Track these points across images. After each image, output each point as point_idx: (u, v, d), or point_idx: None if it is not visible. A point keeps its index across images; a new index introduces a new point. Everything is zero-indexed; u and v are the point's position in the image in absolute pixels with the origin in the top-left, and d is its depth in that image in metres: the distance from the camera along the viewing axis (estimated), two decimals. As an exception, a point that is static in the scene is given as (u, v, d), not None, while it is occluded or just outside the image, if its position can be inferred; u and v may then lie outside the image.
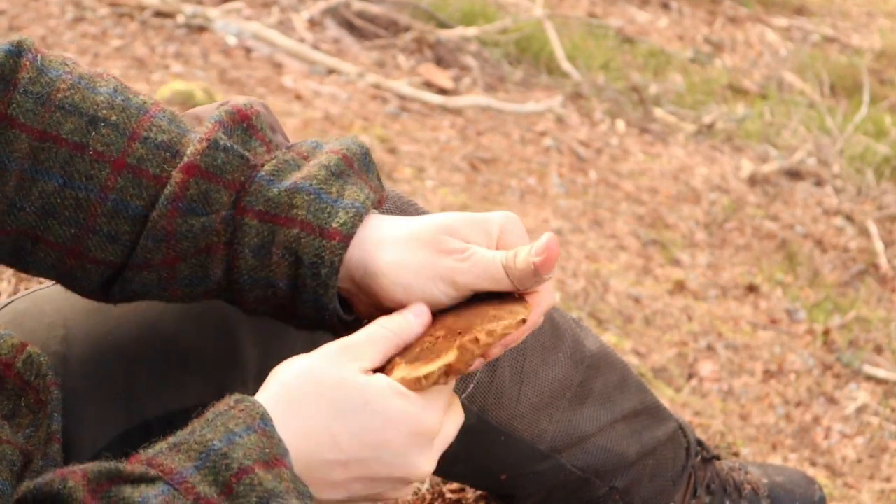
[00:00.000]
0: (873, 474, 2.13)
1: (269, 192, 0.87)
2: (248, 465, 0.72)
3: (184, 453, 0.73)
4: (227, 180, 0.87)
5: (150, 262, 0.88)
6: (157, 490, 0.70)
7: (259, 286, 0.89)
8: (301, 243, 0.86)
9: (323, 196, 0.87)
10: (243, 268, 0.88)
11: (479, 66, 3.93)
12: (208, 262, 0.88)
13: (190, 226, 0.87)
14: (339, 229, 0.85)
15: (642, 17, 5.11)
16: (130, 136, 0.87)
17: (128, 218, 0.87)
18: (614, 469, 1.33)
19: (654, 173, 3.38)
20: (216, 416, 0.76)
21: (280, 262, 0.87)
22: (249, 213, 0.87)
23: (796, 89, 4.52)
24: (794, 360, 2.48)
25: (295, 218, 0.86)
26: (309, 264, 0.86)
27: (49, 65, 0.89)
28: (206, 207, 0.87)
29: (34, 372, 0.92)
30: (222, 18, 3.68)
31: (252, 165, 0.88)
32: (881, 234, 3.18)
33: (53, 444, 0.82)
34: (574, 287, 2.54)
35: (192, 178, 0.86)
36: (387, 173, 2.90)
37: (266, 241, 0.87)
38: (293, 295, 0.88)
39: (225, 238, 0.88)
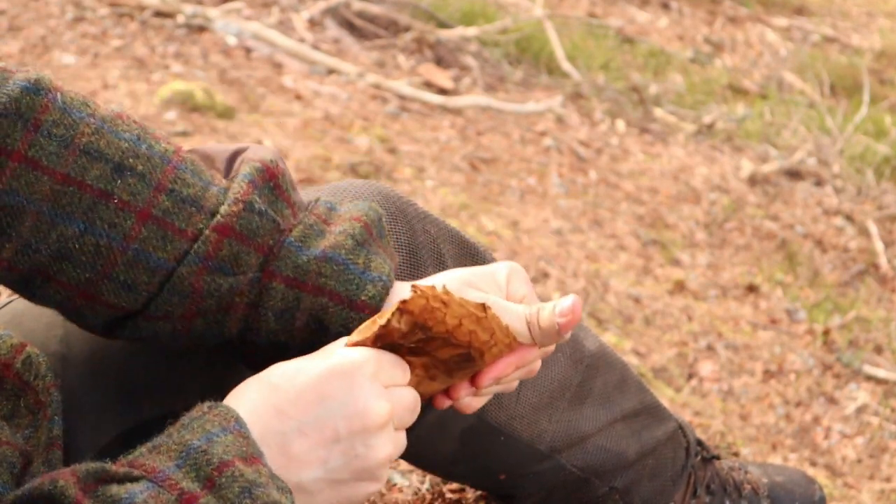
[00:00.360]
0: (873, 474, 2.13)
1: (299, 260, 0.89)
2: (228, 459, 0.73)
3: (164, 454, 0.74)
4: (258, 243, 0.88)
5: (169, 315, 0.89)
6: (143, 486, 0.71)
7: (273, 349, 0.91)
8: (328, 313, 0.88)
9: (351, 267, 0.89)
10: (263, 329, 0.90)
11: (479, 66, 3.93)
12: (225, 320, 0.90)
13: (218, 285, 0.88)
14: (369, 302, 0.88)
15: (642, 17, 5.11)
16: (156, 188, 0.88)
17: (147, 268, 0.87)
18: (614, 469, 1.33)
19: (654, 173, 3.38)
20: (192, 420, 0.76)
21: (303, 328, 0.89)
22: (277, 277, 0.89)
23: (796, 89, 4.52)
24: (794, 360, 2.48)
25: (324, 287, 0.88)
26: (335, 334, 0.88)
27: (72, 105, 0.88)
28: (234, 268, 0.88)
29: (34, 373, 0.91)
30: (222, 18, 3.68)
31: (281, 230, 0.90)
32: (881, 234, 3.18)
33: (55, 450, 0.82)
34: (574, 287, 2.54)
35: (226, 239, 0.87)
36: (387, 173, 2.90)
37: (291, 306, 0.89)
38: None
39: (248, 299, 0.89)
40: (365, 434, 0.79)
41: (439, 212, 2.74)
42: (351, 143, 3.05)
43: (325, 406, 0.78)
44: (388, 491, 1.59)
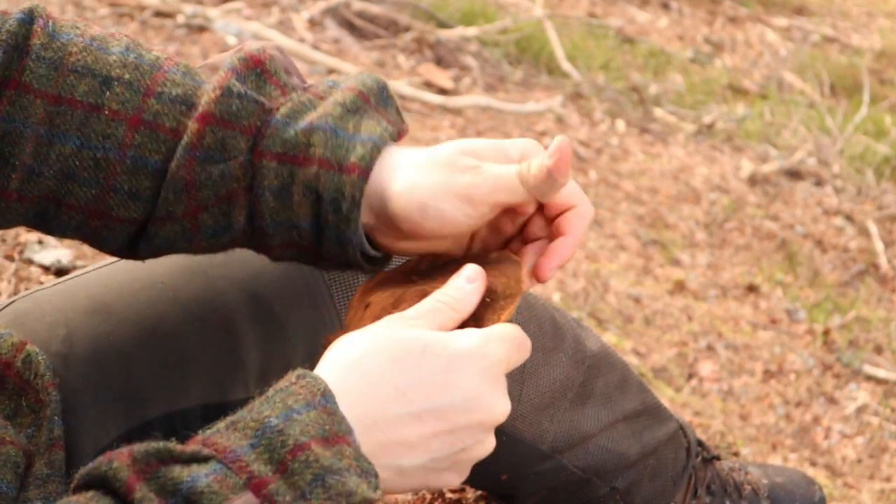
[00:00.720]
0: (873, 474, 2.13)
1: (286, 134, 0.87)
2: (304, 442, 0.70)
3: (240, 431, 0.71)
4: (243, 126, 0.87)
5: (172, 214, 0.88)
6: (209, 469, 0.68)
7: (283, 229, 0.88)
8: (321, 181, 0.86)
9: (339, 133, 0.86)
10: (265, 211, 0.88)
11: (479, 66, 3.93)
12: (231, 210, 0.88)
13: (209, 174, 0.87)
14: (358, 163, 0.85)
15: (642, 17, 5.11)
16: (145, 93, 0.88)
17: (147, 173, 0.87)
18: (615, 469, 1.33)
19: (654, 173, 3.38)
20: (276, 393, 0.73)
21: (301, 202, 0.86)
22: (267, 156, 0.87)
23: (796, 89, 4.52)
24: (794, 360, 2.48)
25: (313, 156, 0.86)
26: (330, 200, 0.85)
27: (60, 29, 0.88)
28: (223, 154, 0.87)
29: (33, 371, 0.91)
30: (222, 18, 3.68)
31: (267, 109, 0.88)
32: (881, 234, 3.18)
33: (57, 451, 0.82)
34: (574, 287, 2.54)
35: (207, 127, 0.86)
36: (387, 173, 2.91)
37: (286, 182, 0.87)
38: (317, 235, 0.88)
39: (245, 183, 0.88)
40: (480, 429, 0.77)
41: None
42: (351, 143, 3.05)
43: (452, 396, 0.75)
44: (388, 491, 1.59)
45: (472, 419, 0.76)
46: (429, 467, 0.76)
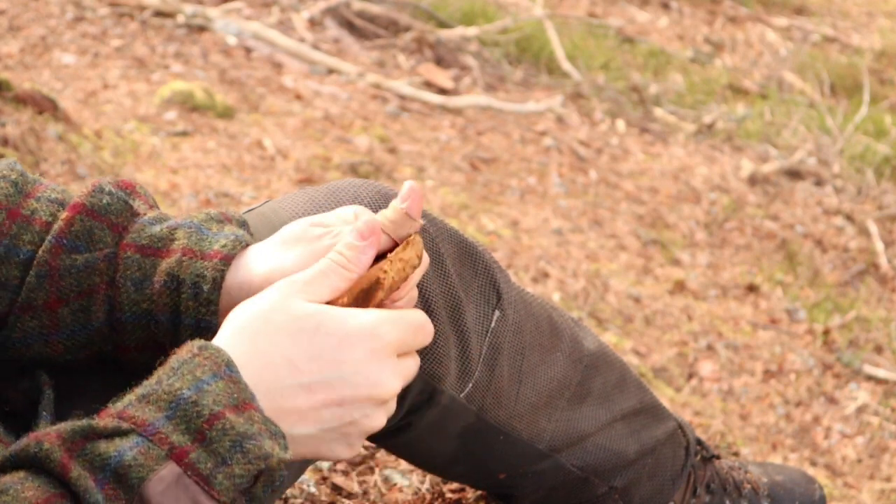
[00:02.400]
0: (873, 474, 2.13)
1: (151, 231, 0.91)
2: (218, 411, 0.73)
3: (153, 404, 0.74)
4: (111, 221, 0.91)
5: (33, 302, 0.90)
6: (132, 442, 0.71)
7: (141, 324, 0.90)
8: (182, 266, 0.89)
9: (203, 230, 0.91)
10: (125, 303, 0.90)
11: (479, 66, 3.93)
12: (90, 305, 0.90)
13: (73, 261, 0.89)
14: (220, 250, 0.89)
15: (642, 17, 5.11)
16: (26, 195, 0.92)
17: (17, 263, 0.90)
18: (613, 468, 1.33)
19: (654, 173, 3.37)
20: (181, 365, 0.76)
21: (162, 291, 0.89)
22: (131, 248, 0.90)
23: (796, 89, 4.52)
24: (794, 360, 2.48)
25: (176, 248, 0.89)
26: (191, 284, 0.88)
27: None
28: (89, 245, 0.90)
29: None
30: (222, 18, 3.68)
31: (135, 212, 0.92)
32: (881, 234, 3.18)
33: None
34: (574, 287, 2.54)
35: (77, 216, 0.90)
36: (387, 173, 2.90)
37: (147, 273, 0.90)
38: (174, 330, 0.90)
39: (107, 277, 0.90)
40: (368, 403, 0.80)
41: (439, 211, 2.74)
42: (351, 142, 3.05)
43: (341, 370, 0.79)
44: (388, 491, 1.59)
45: (360, 393, 0.80)
46: (319, 437, 0.80)
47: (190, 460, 0.72)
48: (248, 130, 2.99)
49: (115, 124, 2.85)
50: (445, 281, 1.12)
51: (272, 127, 3.05)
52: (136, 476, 0.70)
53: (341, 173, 2.81)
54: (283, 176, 2.75)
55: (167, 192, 2.52)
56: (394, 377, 0.81)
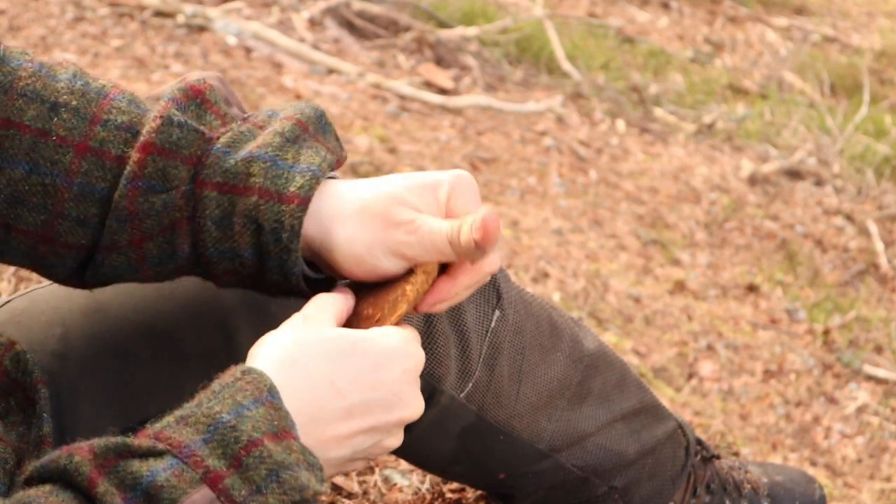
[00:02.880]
0: (873, 474, 2.12)
1: (226, 164, 0.88)
2: (257, 438, 0.72)
3: (191, 426, 0.72)
4: (184, 155, 0.88)
5: (117, 243, 0.89)
6: (166, 464, 0.70)
7: (226, 258, 0.89)
8: (260, 210, 0.87)
9: (279, 163, 0.88)
10: (208, 241, 0.89)
11: (479, 66, 3.93)
12: (174, 239, 0.89)
13: (151, 203, 0.88)
14: (297, 192, 0.86)
15: (642, 17, 5.11)
16: (91, 120, 0.89)
17: (94, 201, 0.88)
18: (613, 468, 1.33)
19: (654, 173, 3.37)
20: (223, 388, 0.75)
21: (242, 232, 0.88)
22: (208, 185, 0.88)
23: (796, 89, 4.52)
24: (794, 360, 2.48)
25: (252, 186, 0.87)
26: (270, 230, 0.87)
27: (10, 55, 0.90)
28: (165, 184, 0.88)
29: (21, 370, 0.92)
30: (222, 18, 3.68)
31: (207, 139, 0.89)
32: (881, 234, 3.18)
33: (45, 448, 0.82)
34: (574, 287, 2.54)
35: (148, 157, 0.87)
36: (387, 173, 2.90)
37: (227, 211, 0.88)
38: (260, 263, 0.89)
39: (187, 213, 0.88)
40: (398, 426, 0.82)
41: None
42: (351, 142, 3.05)
43: (380, 392, 0.80)
44: (388, 491, 1.59)
45: (393, 416, 0.81)
46: (347, 458, 0.81)
47: (224, 486, 0.70)
48: (248, 130, 2.99)
49: (115, 124, 2.85)
50: (445, 281, 1.12)
51: (272, 127, 3.05)
52: (167, 498, 0.69)
53: (341, 173, 2.81)
54: (283, 176, 2.75)
55: (167, 192, 2.52)
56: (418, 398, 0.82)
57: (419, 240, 0.87)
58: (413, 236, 0.87)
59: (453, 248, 0.87)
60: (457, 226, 0.87)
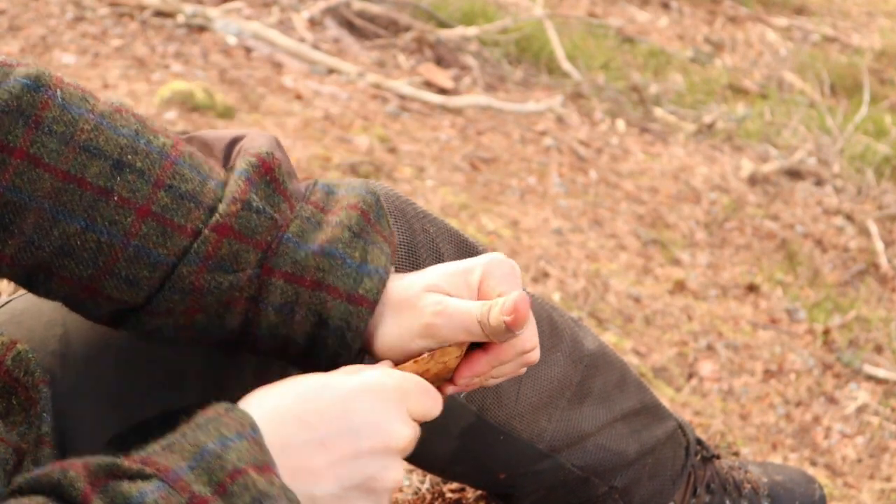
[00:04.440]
0: (873, 474, 2.13)
1: (297, 255, 0.90)
2: (241, 467, 0.73)
3: (177, 453, 0.73)
4: (257, 241, 0.90)
5: (171, 310, 0.90)
6: (153, 486, 0.71)
7: (276, 340, 0.92)
8: (327, 307, 0.90)
9: (348, 262, 0.90)
10: (264, 323, 0.91)
11: (479, 66, 3.93)
12: (226, 314, 0.91)
13: (218, 283, 0.89)
14: (366, 296, 0.90)
15: (642, 17, 5.11)
16: (155, 184, 0.89)
17: (149, 264, 0.88)
18: (614, 468, 1.33)
19: (654, 173, 3.37)
20: (207, 422, 0.76)
21: (302, 322, 0.90)
22: (276, 273, 0.90)
23: (796, 89, 4.52)
24: (795, 360, 2.48)
25: (322, 282, 0.90)
26: (334, 328, 0.90)
27: (71, 101, 0.88)
28: (234, 266, 0.89)
29: (23, 369, 0.92)
30: (222, 18, 3.68)
31: (279, 225, 0.91)
32: (881, 234, 3.18)
33: (44, 447, 0.82)
34: (574, 287, 2.54)
35: (224, 239, 0.89)
36: (387, 173, 2.90)
37: (290, 300, 0.90)
38: (309, 350, 0.92)
39: (248, 294, 0.90)
40: (385, 455, 0.80)
41: (439, 211, 2.74)
42: (351, 142, 3.05)
43: (351, 421, 0.79)
44: (387, 490, 1.58)
45: (375, 443, 0.79)
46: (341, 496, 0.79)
47: None
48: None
49: (115, 124, 2.85)
50: (446, 281, 1.12)
51: (272, 127, 3.05)
52: None
53: (341, 173, 2.81)
54: (283, 176, 2.75)
55: (167, 192, 2.52)
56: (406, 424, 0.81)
57: (447, 321, 0.89)
58: (441, 318, 0.90)
59: (483, 328, 0.89)
60: (487, 307, 0.89)
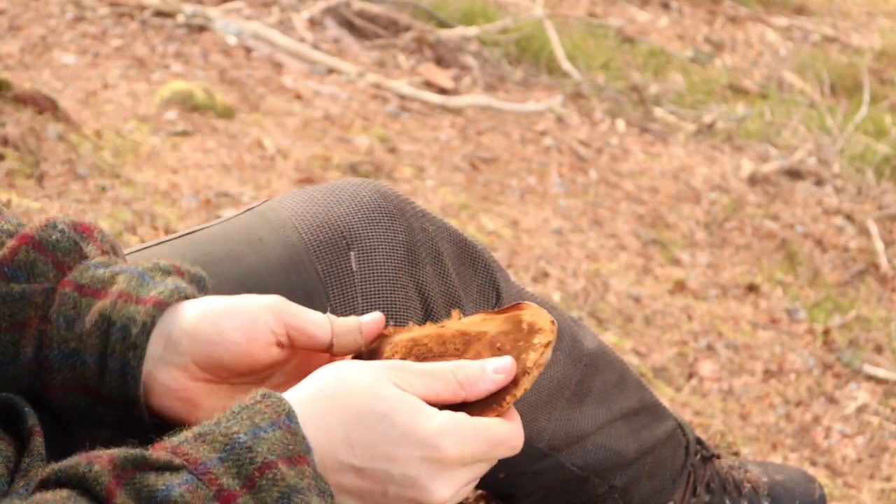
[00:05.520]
0: (873, 474, 2.12)
1: (95, 272, 0.89)
2: (271, 460, 0.73)
3: (209, 444, 0.73)
4: (57, 258, 0.89)
5: None
6: (181, 479, 0.71)
7: (68, 363, 0.88)
8: (115, 308, 0.87)
9: (145, 277, 0.89)
10: (55, 338, 0.87)
11: (479, 66, 3.93)
12: (21, 338, 0.88)
13: (10, 289, 0.87)
14: (156, 297, 0.87)
15: (642, 17, 5.11)
16: None
17: None
18: (613, 467, 1.33)
19: (654, 173, 3.37)
20: (242, 409, 0.76)
21: (92, 332, 0.87)
22: (70, 285, 0.88)
23: (796, 89, 4.52)
24: (795, 360, 2.48)
25: (113, 291, 0.88)
26: (121, 326, 0.86)
27: None
28: (29, 276, 0.88)
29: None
30: (222, 18, 3.68)
31: (84, 255, 0.90)
32: (881, 234, 3.18)
33: (35, 437, 0.82)
34: (574, 287, 2.54)
35: (23, 246, 0.88)
36: (387, 173, 2.90)
37: (82, 312, 0.87)
38: (100, 374, 0.87)
39: (42, 312, 0.88)
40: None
41: (439, 211, 2.74)
42: (351, 142, 3.05)
43: (392, 467, 0.77)
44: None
45: (405, 494, 0.78)
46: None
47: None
48: (248, 130, 2.99)
49: (115, 124, 2.85)
50: (445, 280, 1.12)
51: (272, 127, 3.05)
52: None
53: (341, 173, 2.81)
54: (283, 176, 2.75)
55: (167, 192, 2.52)
56: (446, 487, 0.79)
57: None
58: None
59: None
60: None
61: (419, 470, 0.78)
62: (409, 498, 0.79)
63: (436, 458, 0.78)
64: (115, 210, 2.32)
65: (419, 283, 1.09)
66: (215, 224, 1.11)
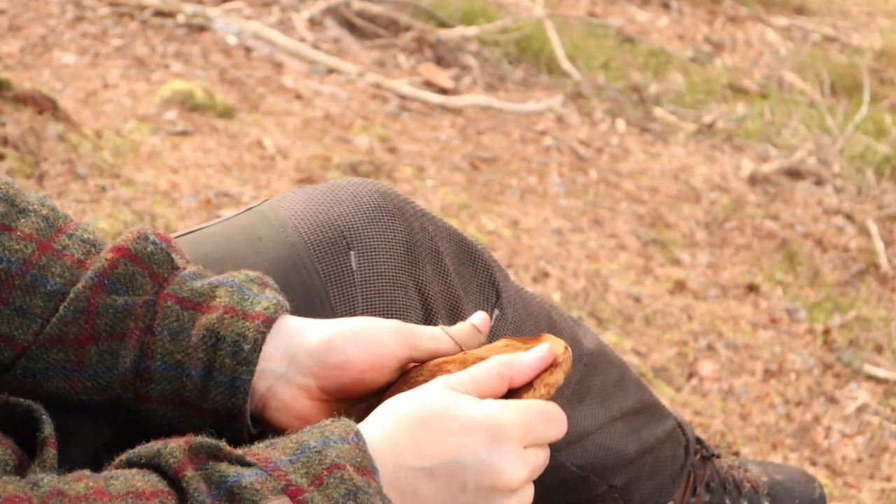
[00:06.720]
0: (873, 474, 2.12)
1: (193, 284, 0.91)
2: (340, 463, 0.75)
3: (279, 449, 0.76)
4: (153, 270, 0.90)
5: (64, 336, 0.88)
6: (252, 472, 0.74)
7: (170, 375, 0.89)
8: (223, 324, 0.89)
9: (245, 290, 0.91)
10: (158, 351, 0.89)
11: (479, 66, 3.93)
12: (119, 349, 0.89)
13: (112, 301, 0.89)
14: (263, 312, 0.89)
15: (642, 17, 5.11)
16: (58, 230, 0.91)
17: (43, 294, 0.88)
18: (613, 467, 1.33)
19: (654, 173, 3.37)
20: (312, 428, 0.79)
21: (198, 346, 0.88)
22: (172, 298, 0.90)
23: (796, 89, 4.52)
24: (795, 360, 2.48)
25: (217, 305, 0.90)
26: (231, 342, 0.88)
27: None
28: (129, 289, 0.89)
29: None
30: (222, 18, 3.68)
31: (175, 266, 0.92)
32: (881, 234, 3.18)
33: (49, 449, 0.82)
34: (574, 287, 2.54)
35: (121, 258, 0.89)
36: (387, 173, 2.90)
37: (186, 325, 0.89)
38: (203, 387, 0.89)
39: (143, 324, 0.89)
40: (491, 494, 0.80)
41: (439, 211, 2.74)
42: (351, 142, 3.05)
43: (463, 456, 0.79)
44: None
45: (482, 482, 0.80)
46: None
47: (304, 499, 0.73)
48: (248, 130, 2.99)
49: (115, 124, 2.85)
50: (445, 280, 1.12)
51: (272, 127, 3.05)
52: (248, 498, 0.72)
53: (341, 173, 2.81)
54: (283, 175, 2.75)
55: (167, 192, 2.52)
56: (518, 465, 0.80)
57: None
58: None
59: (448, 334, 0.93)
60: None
61: (489, 452, 0.79)
62: (488, 486, 0.79)
63: (500, 434, 0.80)
64: (115, 210, 2.33)
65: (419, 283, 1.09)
66: (215, 224, 1.11)
